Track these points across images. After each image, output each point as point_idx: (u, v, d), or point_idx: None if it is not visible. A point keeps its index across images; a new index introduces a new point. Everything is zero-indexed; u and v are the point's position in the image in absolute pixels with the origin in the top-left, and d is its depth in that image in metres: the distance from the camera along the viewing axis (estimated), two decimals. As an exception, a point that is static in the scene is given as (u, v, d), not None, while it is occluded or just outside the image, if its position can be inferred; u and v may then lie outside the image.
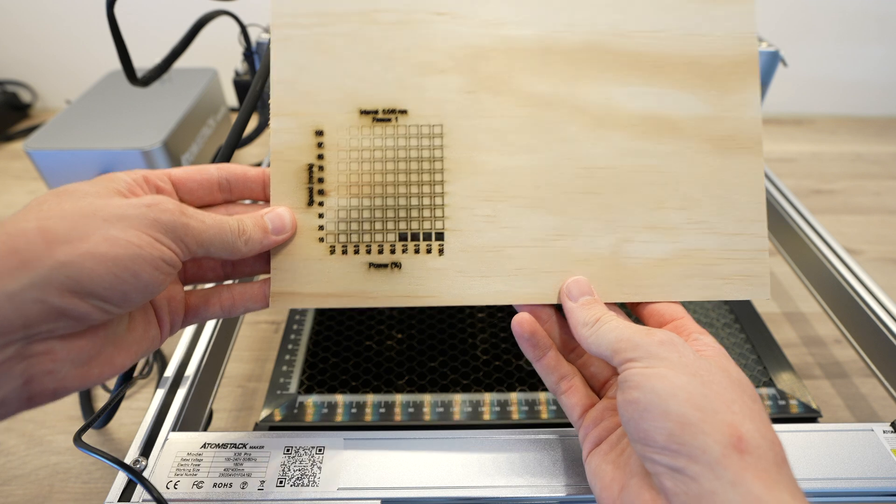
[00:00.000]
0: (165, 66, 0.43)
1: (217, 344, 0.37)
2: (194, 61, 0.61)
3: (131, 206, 0.21)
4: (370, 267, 0.27)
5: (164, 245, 0.21)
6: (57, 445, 0.38)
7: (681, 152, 0.28)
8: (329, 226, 0.27)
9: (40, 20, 0.78)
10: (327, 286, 0.27)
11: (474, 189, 0.27)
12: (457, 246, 0.27)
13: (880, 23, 0.80)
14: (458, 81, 0.28)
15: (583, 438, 0.26)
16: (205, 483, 0.27)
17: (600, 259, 0.27)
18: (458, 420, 0.35)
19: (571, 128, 0.28)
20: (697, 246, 0.27)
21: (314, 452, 0.29)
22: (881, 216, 0.65)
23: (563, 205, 0.27)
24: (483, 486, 0.28)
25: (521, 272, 0.27)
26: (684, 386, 0.21)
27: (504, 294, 0.27)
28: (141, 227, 0.21)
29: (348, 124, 0.28)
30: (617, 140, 0.28)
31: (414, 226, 0.27)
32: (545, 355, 0.27)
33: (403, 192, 0.28)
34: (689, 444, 0.19)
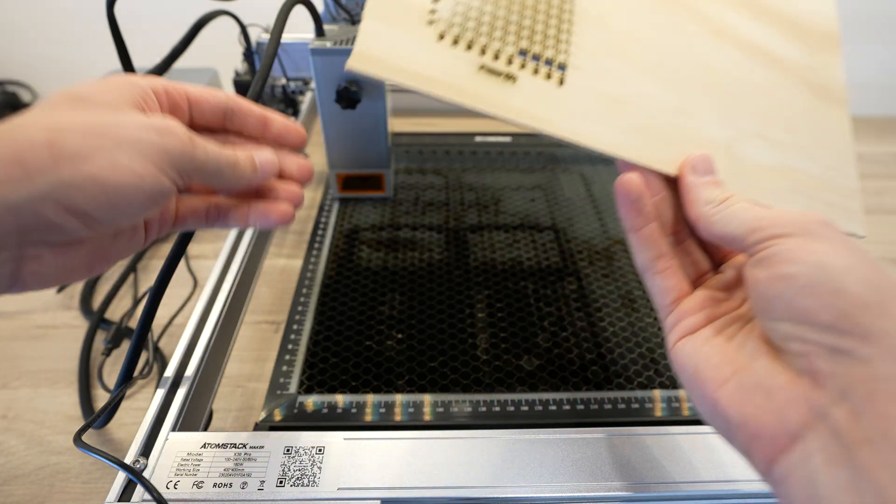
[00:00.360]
0: (165, 66, 0.43)
1: (217, 344, 0.37)
2: (194, 61, 0.60)
3: (143, 129, 0.21)
4: (482, 69, 0.24)
5: (166, 177, 0.21)
6: (57, 445, 0.38)
7: (786, 84, 0.29)
8: (443, 12, 0.24)
9: (40, 20, 0.78)
10: (426, 68, 0.23)
11: (602, 42, 0.26)
12: (578, 83, 0.25)
13: (880, 23, 0.80)
14: None
15: (672, 325, 0.24)
16: (205, 483, 0.27)
17: (717, 147, 0.26)
18: (458, 420, 0.35)
19: (693, 27, 0.28)
20: (803, 167, 0.27)
21: (314, 452, 0.29)
22: (881, 216, 0.65)
23: (684, 87, 0.27)
24: (483, 486, 0.28)
25: (640, 131, 0.25)
26: (856, 264, 0.19)
27: (620, 145, 0.25)
28: (149, 156, 0.21)
29: None
30: (732, 52, 0.29)
31: (537, 48, 0.25)
32: (646, 225, 0.24)
33: (532, 12, 0.26)
34: (866, 325, 0.17)
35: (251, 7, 0.51)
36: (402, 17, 0.23)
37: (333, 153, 0.52)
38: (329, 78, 0.46)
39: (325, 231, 0.53)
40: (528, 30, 0.25)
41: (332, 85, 0.46)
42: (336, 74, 0.46)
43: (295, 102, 0.64)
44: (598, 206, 0.57)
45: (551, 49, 0.25)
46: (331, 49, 0.45)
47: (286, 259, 0.56)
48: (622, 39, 0.27)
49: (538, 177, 0.62)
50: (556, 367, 0.39)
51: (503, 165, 0.64)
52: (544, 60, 0.25)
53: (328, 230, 0.53)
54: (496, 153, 0.66)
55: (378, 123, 0.50)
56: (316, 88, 0.47)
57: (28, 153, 0.18)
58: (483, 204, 0.57)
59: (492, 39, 0.24)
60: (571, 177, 0.62)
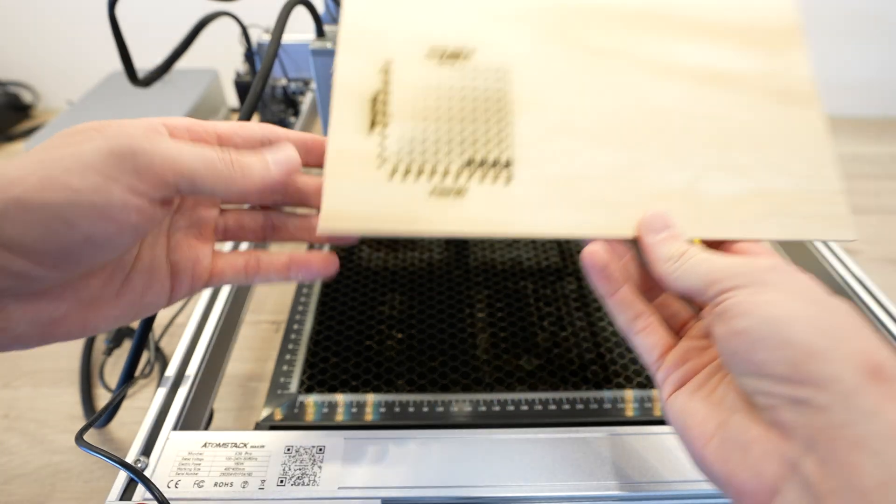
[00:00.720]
0: (166, 67, 0.43)
1: (218, 343, 0.37)
2: (195, 62, 0.61)
3: (88, 139, 0.18)
4: (432, 192, 0.25)
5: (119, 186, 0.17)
6: (58, 445, 0.38)
7: (743, 101, 0.28)
8: (390, 150, 0.26)
9: (42, 21, 0.79)
10: (384, 209, 0.24)
11: (543, 123, 0.27)
12: (526, 175, 0.26)
13: (879, 23, 0.80)
14: (524, 30, 0.28)
15: (662, 380, 0.24)
16: (205, 482, 0.27)
17: (676, 193, 0.26)
18: (459, 420, 0.35)
19: (635, 75, 0.28)
20: (772, 185, 0.26)
21: (314, 452, 0.29)
22: (880, 216, 0.65)
23: (633, 141, 0.27)
24: (483, 486, 0.28)
25: (594, 203, 0.25)
26: (802, 311, 0.19)
27: (576, 225, 0.25)
28: (91, 166, 0.17)
29: (417, 60, 0.27)
30: (680, 87, 0.28)
31: (481, 153, 0.26)
32: (618, 290, 0.25)
33: (470, 122, 0.26)
34: (816, 373, 0.17)
35: (252, 8, 0.51)
36: (356, 168, 0.25)
37: None
38: (329, 78, 0.46)
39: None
40: (469, 139, 0.26)
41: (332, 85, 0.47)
42: None
43: (295, 103, 0.64)
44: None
45: (494, 150, 0.26)
46: (331, 50, 0.45)
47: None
48: (561, 115, 0.27)
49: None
50: (556, 367, 0.39)
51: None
52: (490, 164, 0.26)
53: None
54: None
55: None
56: (316, 89, 0.47)
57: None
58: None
59: (437, 161, 0.25)
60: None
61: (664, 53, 0.29)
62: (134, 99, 0.61)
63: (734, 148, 0.27)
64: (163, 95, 0.62)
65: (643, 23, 0.29)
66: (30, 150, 0.18)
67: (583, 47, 0.28)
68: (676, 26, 0.29)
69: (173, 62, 0.44)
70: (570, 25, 0.29)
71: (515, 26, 0.29)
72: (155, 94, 0.61)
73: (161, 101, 0.60)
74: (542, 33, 0.29)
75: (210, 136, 0.23)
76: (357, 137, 0.26)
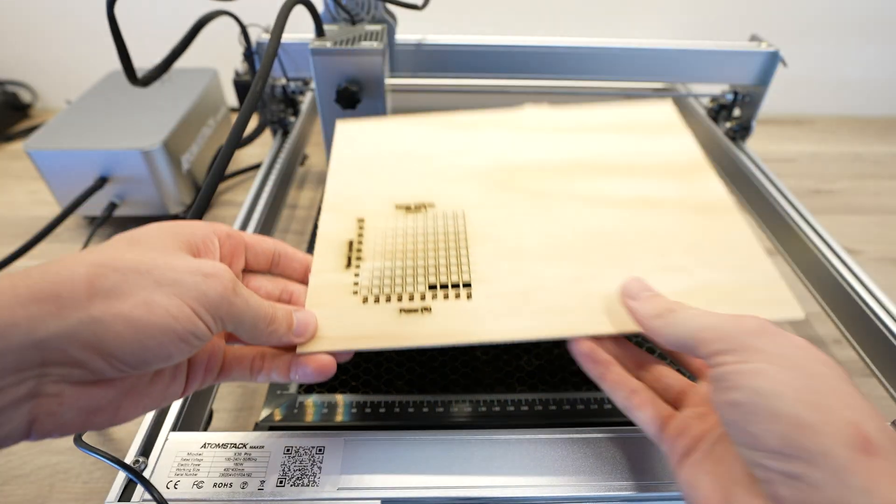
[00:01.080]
0: (165, 67, 0.43)
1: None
2: (194, 61, 0.61)
3: (187, 272, 0.21)
4: (401, 312, 0.28)
5: (201, 320, 0.21)
6: (57, 445, 0.38)
7: (671, 217, 0.32)
8: (363, 281, 0.30)
9: (40, 20, 0.78)
10: (359, 330, 0.27)
11: (496, 252, 0.31)
12: (483, 292, 0.29)
13: (881, 22, 0.80)
14: (475, 186, 0.35)
15: (668, 451, 0.24)
16: (205, 483, 0.27)
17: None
18: (459, 420, 0.35)
19: (574, 207, 0.33)
20: (712, 280, 0.29)
21: (314, 452, 0.29)
22: (881, 216, 0.65)
23: (577, 258, 0.30)
24: (483, 487, 0.28)
25: (548, 310, 0.28)
26: (789, 382, 0.19)
27: (534, 329, 0.27)
28: (186, 297, 0.20)
29: (385, 214, 0.34)
30: (613, 212, 0.33)
31: (443, 278, 0.30)
32: (609, 371, 0.26)
33: (432, 256, 0.31)
34: (807, 448, 0.17)
35: (251, 7, 0.51)
36: (335, 297, 0.29)
37: None
38: (329, 78, 0.46)
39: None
40: (433, 267, 0.30)
41: (332, 85, 0.46)
42: (336, 74, 0.46)
43: (295, 102, 0.64)
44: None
45: (455, 274, 0.30)
46: (331, 49, 0.45)
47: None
48: (510, 242, 0.31)
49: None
50: (556, 367, 0.39)
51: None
52: (451, 286, 0.29)
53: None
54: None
55: None
56: (316, 88, 0.47)
57: (66, 288, 0.18)
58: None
59: (404, 288, 0.29)
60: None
61: (596, 189, 0.34)
62: (133, 98, 0.61)
63: (671, 253, 0.30)
64: (162, 95, 0.62)
65: (576, 171, 0.35)
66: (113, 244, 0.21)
67: (526, 191, 0.34)
68: (605, 170, 0.35)
69: (172, 61, 0.43)
70: (514, 178, 0.35)
71: (467, 184, 0.35)
72: (154, 94, 0.61)
73: (160, 101, 0.60)
74: (490, 186, 0.35)
75: (241, 244, 0.27)
76: (334, 275, 0.30)
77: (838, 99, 0.88)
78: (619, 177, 0.35)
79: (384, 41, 0.46)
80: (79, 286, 0.18)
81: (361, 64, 0.46)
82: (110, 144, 0.53)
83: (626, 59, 0.58)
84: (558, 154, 0.37)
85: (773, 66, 0.57)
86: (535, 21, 0.80)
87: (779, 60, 0.57)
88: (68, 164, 0.53)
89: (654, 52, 0.57)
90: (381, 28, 0.48)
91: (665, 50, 0.57)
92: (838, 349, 0.47)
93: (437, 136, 0.39)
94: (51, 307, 0.18)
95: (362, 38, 0.46)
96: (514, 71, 0.59)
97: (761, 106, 0.59)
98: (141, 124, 0.56)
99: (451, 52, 0.58)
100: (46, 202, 0.63)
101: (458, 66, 0.59)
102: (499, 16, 0.79)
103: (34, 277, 0.18)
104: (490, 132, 0.39)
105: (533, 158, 0.36)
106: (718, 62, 0.58)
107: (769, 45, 0.58)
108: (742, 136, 0.62)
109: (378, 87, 0.47)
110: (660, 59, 0.58)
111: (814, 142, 0.82)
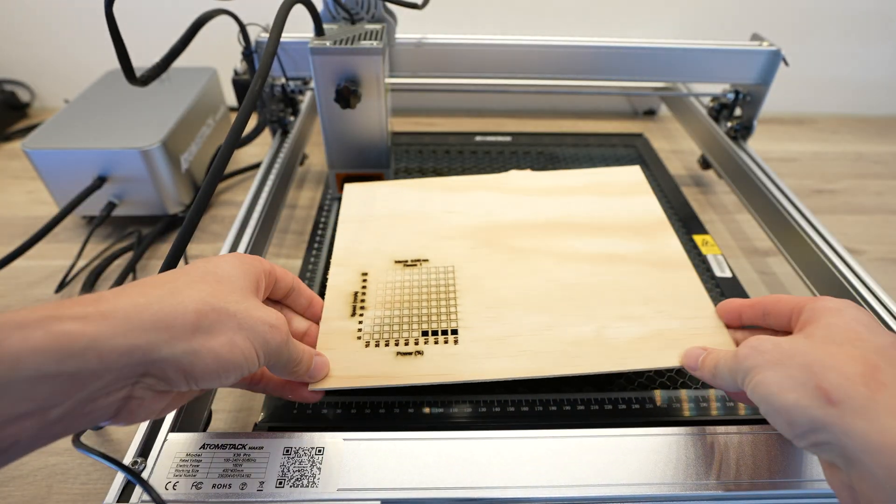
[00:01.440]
0: (164, 66, 0.43)
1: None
2: (193, 60, 0.60)
3: (260, 322, 0.25)
4: (398, 355, 0.33)
5: (258, 361, 0.25)
6: (56, 446, 0.38)
7: (632, 271, 0.37)
8: (366, 328, 0.35)
9: (38, 19, 0.78)
10: (362, 370, 0.32)
11: (480, 302, 0.36)
12: (468, 338, 0.34)
13: (883, 22, 0.80)
14: (464, 243, 0.40)
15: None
16: (204, 484, 0.27)
17: (587, 340, 0.33)
18: (459, 420, 0.35)
19: (547, 263, 0.38)
20: (665, 327, 0.33)
21: (314, 453, 0.29)
22: (883, 216, 0.65)
23: (549, 307, 0.35)
24: (483, 487, 0.27)
25: (523, 353, 0.32)
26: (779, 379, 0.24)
27: (510, 369, 0.31)
28: (255, 343, 0.25)
29: (385, 268, 0.39)
30: (581, 267, 0.38)
31: (433, 326, 0.34)
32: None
33: (425, 306, 0.36)
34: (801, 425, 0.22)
35: (250, 6, 0.51)
36: (341, 340, 0.34)
37: (333, 153, 0.52)
38: (328, 77, 0.46)
39: (325, 231, 0.53)
40: (425, 316, 0.35)
41: (331, 84, 0.46)
42: (335, 74, 0.46)
43: (294, 102, 0.64)
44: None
45: (444, 322, 0.35)
46: (330, 48, 0.45)
47: (286, 259, 0.56)
48: (493, 294, 0.36)
49: (538, 176, 0.62)
50: (557, 368, 0.39)
51: (503, 165, 0.64)
52: (440, 332, 0.34)
53: (328, 230, 0.53)
54: (496, 153, 0.66)
55: (378, 123, 0.50)
56: (315, 88, 0.47)
57: (178, 322, 0.22)
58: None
59: (401, 332, 0.34)
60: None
61: (569, 246, 0.39)
62: (131, 98, 0.60)
63: (631, 303, 0.35)
64: (160, 94, 0.61)
65: (552, 230, 0.41)
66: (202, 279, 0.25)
67: (507, 248, 0.40)
68: (577, 229, 0.41)
69: (171, 60, 0.43)
70: (497, 236, 0.41)
71: (457, 241, 0.40)
72: (152, 93, 0.61)
73: (159, 100, 0.60)
74: (477, 243, 0.40)
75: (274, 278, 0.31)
76: (341, 322, 0.35)
77: (840, 98, 0.88)
78: (589, 235, 0.40)
79: (384, 40, 0.46)
80: (188, 321, 0.23)
81: (361, 63, 0.45)
82: (109, 144, 0.53)
83: (627, 59, 0.58)
84: (537, 214, 0.43)
85: (775, 66, 0.57)
86: (536, 20, 0.79)
87: (780, 59, 0.57)
88: (66, 163, 0.53)
89: (655, 50, 0.57)
90: (380, 27, 0.48)
91: (666, 49, 0.57)
92: (840, 349, 0.47)
93: (433, 197, 0.45)
94: (165, 336, 0.22)
95: (362, 38, 0.45)
96: (515, 70, 0.59)
97: (763, 105, 0.59)
98: (140, 124, 0.56)
99: (452, 50, 0.57)
100: (44, 202, 0.63)
101: (458, 65, 0.58)
102: (499, 15, 0.79)
103: (154, 308, 0.22)
104: (479, 194, 0.45)
105: (515, 218, 0.42)
106: (720, 61, 0.58)
107: (770, 44, 0.57)
108: (743, 136, 0.62)
109: (377, 87, 0.47)
110: (660, 58, 0.58)
111: (815, 141, 0.82)
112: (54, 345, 0.19)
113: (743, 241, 0.60)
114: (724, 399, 0.37)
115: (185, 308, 0.23)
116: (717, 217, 0.63)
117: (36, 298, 0.50)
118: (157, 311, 0.22)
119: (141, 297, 0.22)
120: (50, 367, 0.19)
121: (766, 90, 0.58)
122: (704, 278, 0.47)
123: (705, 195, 0.68)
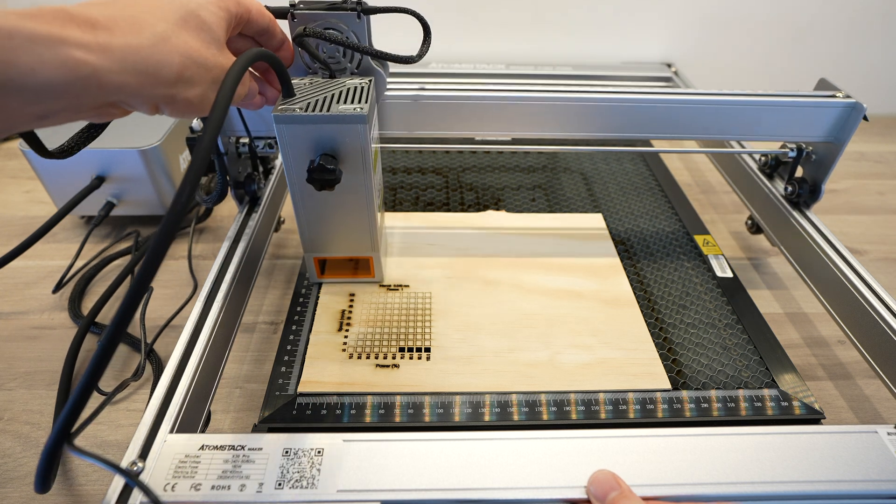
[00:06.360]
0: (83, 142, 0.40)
1: (215, 344, 0.36)
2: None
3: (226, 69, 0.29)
4: (377, 367, 0.38)
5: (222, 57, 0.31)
6: (54, 447, 0.38)
7: (586, 306, 0.43)
8: (350, 342, 0.40)
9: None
10: (345, 377, 0.37)
11: (451, 325, 0.41)
12: (439, 356, 0.39)
13: (885, 21, 0.80)
14: (442, 272, 0.46)
15: None
16: (203, 485, 0.27)
17: (541, 363, 0.38)
18: (459, 421, 0.35)
19: (512, 294, 0.44)
20: (609, 356, 0.39)
21: (313, 454, 0.28)
22: (885, 216, 0.65)
23: (511, 334, 0.41)
24: (483, 488, 0.27)
25: (485, 371, 0.38)
26: None
27: (474, 385, 0.37)
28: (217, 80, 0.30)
29: (371, 291, 0.44)
30: (542, 300, 0.44)
31: (409, 343, 0.40)
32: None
33: (403, 326, 0.41)
34: None
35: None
36: (328, 352, 0.39)
37: (308, 238, 0.42)
38: (300, 151, 0.36)
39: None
40: (403, 334, 0.40)
41: (303, 159, 0.36)
42: (308, 147, 0.35)
43: (267, 160, 0.52)
44: (598, 206, 0.56)
45: (419, 341, 0.40)
46: (300, 116, 0.34)
47: (286, 259, 0.55)
48: (464, 319, 0.42)
49: (538, 177, 0.62)
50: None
51: (503, 165, 0.64)
52: (415, 349, 0.39)
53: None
54: (496, 153, 0.66)
55: (363, 204, 0.39)
56: (284, 163, 0.37)
57: (164, 71, 0.26)
58: (483, 204, 0.56)
59: (380, 349, 0.39)
60: (572, 176, 0.62)
61: (532, 281, 0.45)
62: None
63: (581, 334, 0.41)
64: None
65: (520, 265, 0.47)
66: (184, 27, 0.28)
67: (479, 279, 0.46)
68: (542, 266, 0.47)
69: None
70: (471, 268, 0.47)
71: (436, 270, 0.46)
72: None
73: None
74: (453, 273, 0.46)
75: (244, 17, 0.33)
76: (329, 335, 0.40)
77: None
78: (551, 272, 0.46)
79: (370, 101, 0.36)
80: (173, 72, 0.27)
81: (341, 133, 0.35)
82: (107, 144, 0.52)
83: (664, 114, 0.45)
84: (508, 251, 0.49)
85: (854, 122, 0.44)
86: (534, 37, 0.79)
87: (861, 115, 0.44)
88: (65, 163, 0.53)
89: (698, 104, 0.45)
90: (366, 82, 0.38)
91: (711, 101, 0.44)
92: (842, 350, 0.47)
93: (416, 231, 0.51)
94: (151, 80, 0.26)
95: (343, 98, 0.36)
96: (534, 128, 0.46)
97: (835, 166, 0.47)
98: (138, 124, 0.55)
99: (458, 105, 0.45)
100: (43, 201, 0.63)
101: (467, 121, 0.45)
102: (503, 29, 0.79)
103: (144, 52, 0.25)
104: (459, 229, 0.51)
105: (488, 254, 0.48)
106: (782, 116, 0.45)
107: (847, 95, 0.45)
108: (807, 203, 0.49)
109: (362, 160, 0.36)
110: (707, 114, 0.45)
111: (815, 141, 0.81)
112: (63, 69, 0.23)
113: (743, 240, 0.60)
114: (726, 400, 0.37)
115: (170, 61, 0.26)
116: (718, 217, 0.63)
117: (34, 299, 0.50)
118: (147, 57, 0.25)
119: (133, 38, 0.25)
120: (58, 85, 0.23)
121: (839, 148, 0.45)
122: (705, 279, 0.47)
123: (706, 195, 0.67)
